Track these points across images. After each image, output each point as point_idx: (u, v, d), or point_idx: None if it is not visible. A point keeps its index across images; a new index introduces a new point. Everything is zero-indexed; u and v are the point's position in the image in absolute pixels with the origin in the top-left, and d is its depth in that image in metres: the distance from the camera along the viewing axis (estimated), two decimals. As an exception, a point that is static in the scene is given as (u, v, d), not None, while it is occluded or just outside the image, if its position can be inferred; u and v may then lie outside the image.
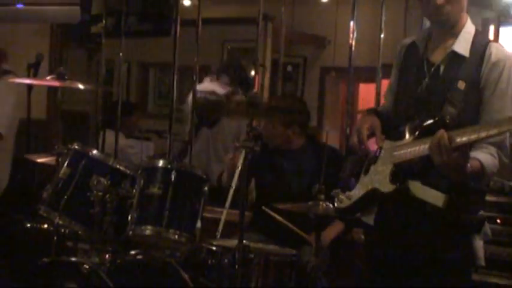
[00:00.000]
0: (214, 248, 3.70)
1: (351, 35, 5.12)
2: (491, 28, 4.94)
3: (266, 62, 7.81)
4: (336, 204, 3.25)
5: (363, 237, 4.45)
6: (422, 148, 2.82)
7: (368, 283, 3.42)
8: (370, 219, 3.14)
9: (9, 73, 4.76)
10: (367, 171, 3.13)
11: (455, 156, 2.66)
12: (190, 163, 5.21)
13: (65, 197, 3.71)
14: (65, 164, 3.79)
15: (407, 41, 3.34)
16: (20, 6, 5.34)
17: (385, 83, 5.25)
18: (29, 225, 4.23)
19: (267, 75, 7.56)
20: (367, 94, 7.85)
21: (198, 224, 3.66)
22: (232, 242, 3.57)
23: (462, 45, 3.04)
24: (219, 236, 3.98)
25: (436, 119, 2.92)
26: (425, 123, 2.94)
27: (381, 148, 3.10)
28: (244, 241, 3.43)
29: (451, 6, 2.99)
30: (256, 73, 5.71)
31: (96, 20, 5.96)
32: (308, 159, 4.34)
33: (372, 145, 3.14)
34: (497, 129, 2.59)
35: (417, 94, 3.10)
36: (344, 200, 3.19)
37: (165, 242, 3.71)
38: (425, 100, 3.06)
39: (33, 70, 4.36)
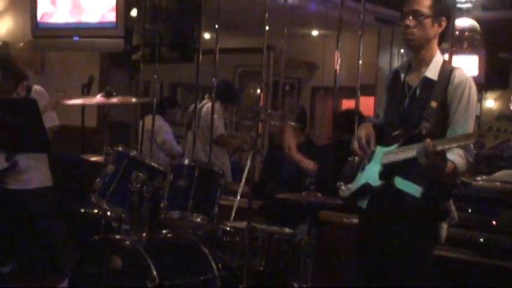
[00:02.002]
0: (228, 229, 3.71)
1: (336, 62, 5.12)
2: (446, 56, 4.91)
3: (269, 82, 7.81)
4: (340, 193, 3.30)
5: (353, 220, 4.48)
6: (406, 153, 2.89)
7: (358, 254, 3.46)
8: (363, 204, 3.21)
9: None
10: (363, 169, 3.18)
11: (437, 159, 2.73)
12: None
13: (111, 188, 3.72)
14: (111, 162, 3.79)
15: (393, 69, 3.40)
16: (76, 38, 5.34)
17: (362, 99, 5.26)
18: (82, 210, 4.23)
19: (270, 92, 7.57)
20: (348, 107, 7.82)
21: (216, 210, 3.68)
22: (243, 224, 3.57)
23: (432, 71, 3.08)
24: (232, 219, 3.97)
25: (415, 131, 2.98)
26: (407, 135, 3.00)
27: (373, 152, 3.13)
28: (251, 223, 3.47)
29: (417, 30, 3.03)
30: (261, 91, 5.73)
31: (136, 50, 5.97)
32: (303, 154, 4.32)
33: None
34: (467, 140, 2.74)
35: (400, 111, 3.13)
36: (345, 190, 3.26)
37: (189, 223, 3.71)
38: (407, 116, 3.09)
39: (86, 89, 4.37)
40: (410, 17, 3.03)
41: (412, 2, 3.06)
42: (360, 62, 5.10)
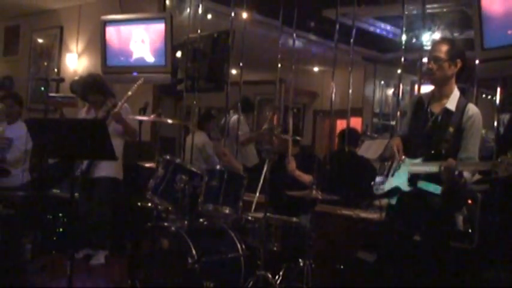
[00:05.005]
0: (249, 218, 3.69)
1: (332, 91, 5.12)
2: (416, 86, 4.87)
3: (281, 107, 7.81)
4: (374, 191, 3.25)
5: (344, 212, 4.42)
6: (431, 167, 2.87)
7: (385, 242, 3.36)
8: (393, 201, 3.14)
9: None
10: (393, 175, 3.13)
11: (456, 176, 2.75)
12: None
13: (161, 187, 3.72)
14: (161, 167, 3.79)
15: (417, 96, 3.33)
16: (135, 74, 5.38)
17: (353, 119, 5.22)
18: (139, 203, 4.23)
19: (281, 115, 7.56)
20: (341, 126, 7.80)
21: (240, 203, 3.67)
22: (260, 215, 3.57)
23: (451, 103, 3.04)
24: (252, 211, 3.97)
25: (435, 151, 2.95)
26: (430, 152, 2.97)
27: (402, 161, 3.07)
28: (267, 214, 3.46)
29: (438, 71, 3.01)
30: (274, 114, 5.73)
31: (180, 82, 6.00)
32: (298, 161, 4.07)
33: None
34: (483, 167, 2.81)
35: (424, 132, 3.08)
36: (379, 190, 3.20)
37: (220, 214, 3.70)
38: (429, 137, 3.04)
39: (142, 111, 4.38)
40: (432, 62, 3.01)
41: (433, 50, 3.05)
42: (350, 91, 5.11)
